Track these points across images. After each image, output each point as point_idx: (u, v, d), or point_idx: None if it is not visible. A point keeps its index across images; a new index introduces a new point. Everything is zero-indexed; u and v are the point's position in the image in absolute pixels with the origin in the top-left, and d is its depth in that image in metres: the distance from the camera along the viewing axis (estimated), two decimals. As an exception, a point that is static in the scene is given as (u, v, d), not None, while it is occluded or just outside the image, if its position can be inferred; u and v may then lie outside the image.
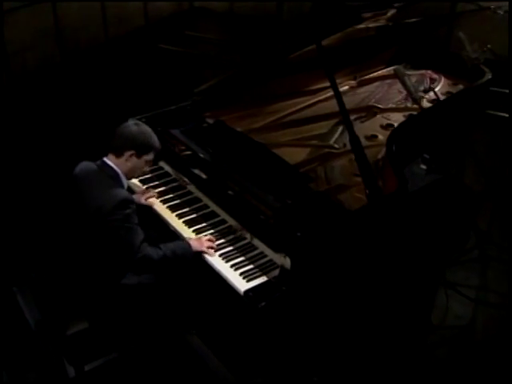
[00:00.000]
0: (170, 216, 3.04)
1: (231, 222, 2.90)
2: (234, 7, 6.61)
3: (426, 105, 3.58)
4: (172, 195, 3.18)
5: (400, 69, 3.45)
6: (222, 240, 2.85)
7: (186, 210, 3.07)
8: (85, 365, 2.67)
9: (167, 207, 3.10)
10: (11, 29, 5.48)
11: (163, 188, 3.25)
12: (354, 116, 3.53)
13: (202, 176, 3.04)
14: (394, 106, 3.66)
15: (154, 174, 3.34)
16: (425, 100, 3.62)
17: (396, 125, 3.35)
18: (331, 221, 2.63)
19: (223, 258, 2.75)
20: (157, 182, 3.29)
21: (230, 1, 6.57)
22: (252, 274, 2.63)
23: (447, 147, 3.83)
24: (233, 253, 2.77)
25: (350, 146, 2.76)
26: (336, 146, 3.21)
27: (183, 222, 2.99)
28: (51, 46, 6.06)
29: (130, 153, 2.75)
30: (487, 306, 3.70)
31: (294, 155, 3.10)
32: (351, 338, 2.94)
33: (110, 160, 2.79)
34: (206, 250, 2.77)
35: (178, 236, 2.94)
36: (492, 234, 4.14)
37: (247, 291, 2.54)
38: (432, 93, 3.56)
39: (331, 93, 2.83)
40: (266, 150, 2.97)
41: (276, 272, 2.60)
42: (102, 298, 2.74)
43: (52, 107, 5.42)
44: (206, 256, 2.78)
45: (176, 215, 3.04)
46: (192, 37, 6.50)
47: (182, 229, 2.95)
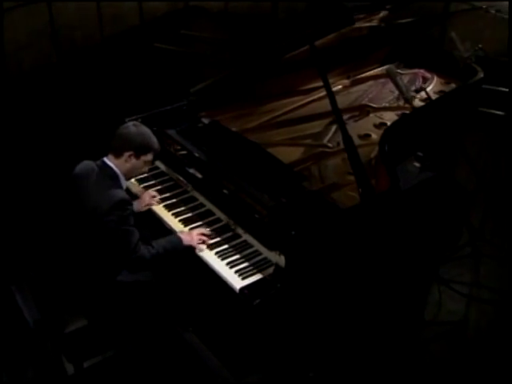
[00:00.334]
0: (166, 215, 3.08)
1: (227, 221, 2.94)
2: (229, 7, 6.62)
3: (418, 104, 3.61)
4: (168, 194, 3.21)
5: (392, 69, 3.47)
6: (218, 238, 2.88)
7: (182, 208, 3.10)
8: (84, 362, 2.70)
9: (163, 206, 3.13)
10: (7, 29, 5.50)
11: (159, 187, 3.28)
12: (348, 115, 3.56)
13: (198, 175, 3.07)
14: (388, 104, 3.69)
15: (150, 173, 3.35)
16: (417, 100, 3.65)
17: (389, 123, 3.39)
18: (325, 219, 2.67)
19: (219, 256, 2.78)
20: (153, 182, 3.32)
21: (225, 0, 6.59)
22: (247, 271, 2.66)
23: (440, 145, 3.87)
24: (228, 251, 2.80)
25: (343, 145, 2.80)
26: (329, 144, 3.25)
27: (179, 220, 3.02)
28: (47, 45, 6.07)
29: (129, 153, 2.77)
30: (480, 302, 3.72)
31: (289, 154, 3.14)
32: (346, 334, 2.98)
33: (109, 160, 2.80)
34: (195, 245, 2.81)
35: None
36: (484, 231, 4.17)
37: (242, 288, 2.57)
38: (423, 92, 3.60)
39: (325, 92, 2.85)
40: (260, 149, 3.00)
41: (271, 270, 2.63)
42: (100, 296, 2.77)
43: (48, 106, 5.44)
44: (201, 254, 2.81)
45: (172, 214, 3.07)
46: (187, 36, 6.52)
47: (178, 227, 2.98)
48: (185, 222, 3.00)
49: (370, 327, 3.13)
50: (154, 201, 3.17)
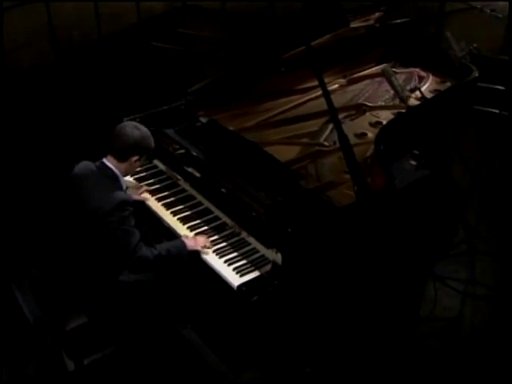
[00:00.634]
0: (164, 213, 3.10)
1: (224, 219, 2.97)
2: (226, 7, 6.65)
3: (414, 103, 3.64)
4: (167, 193, 3.23)
5: (387, 69, 3.50)
6: (216, 236, 2.91)
7: (181, 207, 3.13)
8: (84, 358, 2.73)
9: (162, 205, 3.16)
10: (5, 28, 5.51)
11: (158, 186, 3.30)
12: (344, 114, 3.59)
13: (196, 174, 3.09)
14: (384, 103, 3.72)
15: (149, 172, 3.39)
16: (412, 99, 3.68)
17: (385, 122, 3.42)
18: (321, 217, 2.70)
19: (217, 254, 2.81)
20: (151, 180, 3.34)
21: (223, 0, 6.61)
22: (245, 269, 2.70)
23: (436, 143, 3.90)
24: (226, 249, 2.83)
25: (339, 144, 2.83)
26: (326, 143, 3.27)
27: (178, 219, 3.05)
28: (45, 44, 6.09)
29: (135, 158, 2.81)
30: (475, 299, 3.76)
31: (285, 153, 3.16)
32: (342, 330, 3.02)
33: (109, 162, 2.81)
34: (200, 249, 2.82)
35: (173, 233, 3.00)
36: (480, 229, 4.21)
37: (240, 286, 2.60)
38: (418, 92, 3.63)
39: (321, 91, 2.88)
40: (257, 148, 3.03)
41: (268, 267, 2.67)
42: (100, 294, 2.79)
43: (46, 105, 5.46)
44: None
45: (171, 212, 3.09)
46: (184, 34, 6.54)
47: (177, 225, 3.01)
48: (183, 221, 3.03)
49: (366, 323, 3.17)
50: (146, 187, 3.25)
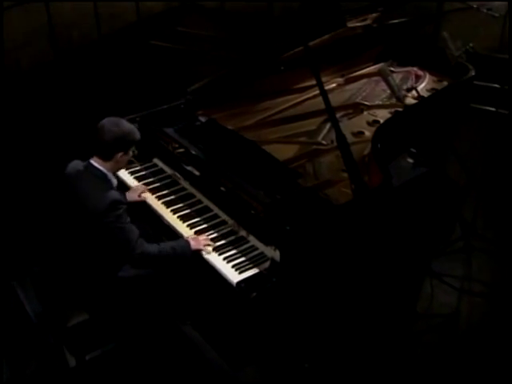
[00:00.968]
0: (164, 211, 3.14)
1: (224, 217, 3.00)
2: (225, 6, 6.67)
3: (410, 102, 3.67)
4: (167, 191, 3.27)
5: (384, 69, 3.54)
6: (215, 234, 2.95)
7: (180, 205, 3.16)
8: (86, 355, 2.77)
9: (162, 203, 3.19)
10: (5, 27, 5.54)
11: (158, 184, 3.33)
12: (342, 113, 3.63)
13: (195, 173, 3.12)
14: (381, 102, 3.76)
15: (149, 170, 3.42)
16: (409, 98, 3.71)
17: (382, 121, 3.46)
18: (319, 215, 2.73)
19: (216, 251, 2.85)
20: (152, 179, 3.37)
21: (221, 0, 6.63)
22: (244, 266, 2.73)
23: (433, 142, 3.94)
24: (225, 246, 2.87)
25: (337, 143, 2.87)
26: (324, 142, 3.31)
27: (177, 217, 3.08)
28: (44, 44, 6.12)
29: (120, 154, 2.78)
30: (471, 295, 3.78)
31: (284, 152, 3.20)
32: (340, 326, 3.05)
33: (96, 162, 2.79)
34: (203, 249, 2.85)
35: (173, 230, 3.03)
36: (476, 226, 4.24)
37: (239, 282, 2.64)
38: (414, 91, 3.66)
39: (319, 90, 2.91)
40: (256, 147, 3.07)
41: (267, 264, 2.70)
42: (101, 291, 2.82)
43: (46, 104, 5.48)
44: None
45: (171, 210, 3.13)
46: (183, 33, 6.57)
47: (177, 223, 3.05)
48: (183, 219, 3.06)
49: (363, 319, 3.21)
50: (145, 188, 3.25)
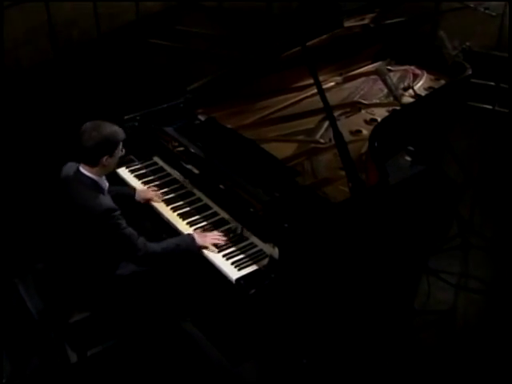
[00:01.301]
0: (164, 209, 3.16)
1: (223, 215, 3.04)
2: (224, 6, 6.69)
3: (408, 101, 3.69)
4: (166, 189, 3.29)
5: (382, 68, 3.57)
6: (215, 232, 2.97)
7: (180, 203, 3.19)
8: (87, 351, 2.80)
9: (162, 200, 3.21)
10: (5, 26, 5.56)
11: (157, 182, 3.35)
12: (340, 111, 3.65)
13: (195, 171, 3.15)
14: (378, 101, 3.78)
15: (149, 169, 3.45)
16: (406, 97, 3.74)
17: (379, 119, 3.49)
18: (317, 213, 2.77)
19: (216, 249, 2.87)
20: (152, 177, 3.39)
21: (220, 0, 6.66)
22: (243, 263, 2.76)
23: (430, 140, 3.97)
24: (225, 243, 2.89)
25: (334, 141, 2.90)
26: (322, 140, 3.34)
27: (177, 214, 3.11)
28: (44, 42, 6.14)
29: (105, 158, 2.72)
30: (468, 292, 3.81)
31: (282, 150, 3.23)
32: (338, 322, 3.09)
33: (84, 169, 2.75)
34: (209, 246, 2.85)
35: (173, 228, 3.06)
36: (473, 223, 4.27)
37: (238, 279, 2.67)
38: (411, 90, 3.68)
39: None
40: (255, 145, 3.10)
41: (265, 261, 2.74)
42: (102, 289, 2.84)
43: (46, 103, 5.50)
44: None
45: (171, 208, 3.15)
46: (183, 31, 6.59)
47: (177, 221, 3.07)
48: (183, 216, 3.09)
49: (361, 316, 3.24)
50: (157, 196, 3.21)
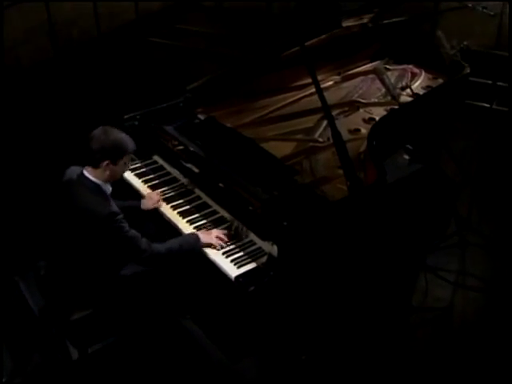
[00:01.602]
0: (165, 207, 3.19)
1: (222, 213, 3.06)
2: (224, 6, 6.71)
3: (406, 100, 3.70)
4: (166, 188, 3.32)
5: (380, 67, 3.59)
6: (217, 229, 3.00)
7: (180, 201, 3.21)
8: (88, 347, 2.83)
9: (162, 199, 3.24)
10: (5, 25, 5.58)
11: (157, 181, 3.38)
12: (338, 110, 3.67)
13: (194, 170, 3.18)
14: (377, 100, 3.80)
15: (149, 167, 3.47)
16: (404, 96, 3.75)
17: (377, 118, 3.51)
18: (315, 211, 2.79)
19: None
20: (152, 176, 3.42)
21: (220, 0, 6.68)
22: (242, 260, 2.79)
23: (428, 139, 3.99)
24: (224, 241, 2.91)
25: (332, 140, 2.92)
26: (320, 139, 3.36)
27: (177, 213, 3.14)
28: (44, 41, 6.16)
29: (106, 162, 2.73)
30: (465, 289, 3.84)
31: (281, 149, 3.25)
32: (336, 320, 3.12)
33: (88, 172, 2.78)
34: (214, 243, 2.86)
35: (173, 226, 3.09)
36: (471, 221, 4.30)
37: (238, 277, 2.70)
38: (409, 90, 3.70)
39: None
40: (254, 144, 3.12)
41: (264, 259, 2.77)
42: (102, 287, 2.87)
43: (46, 101, 5.52)
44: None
45: (170, 207, 3.18)
46: (182, 30, 6.61)
47: (177, 219, 3.10)
48: (182, 215, 3.12)
49: (359, 313, 3.27)
50: (159, 198, 3.21)
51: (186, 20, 6.88)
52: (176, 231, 3.07)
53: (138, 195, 3.32)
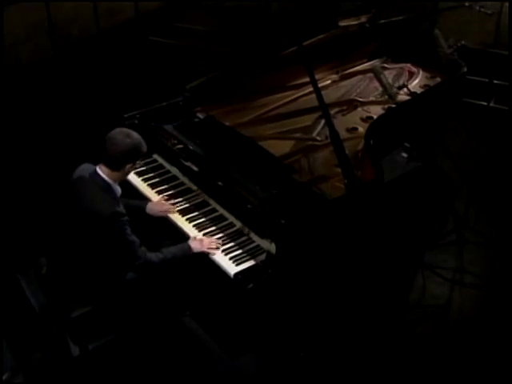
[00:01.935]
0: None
1: (221, 211, 3.09)
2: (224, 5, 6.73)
3: (403, 99, 3.73)
4: (166, 186, 3.35)
5: (376, 67, 3.61)
6: (213, 227, 3.04)
7: (179, 199, 3.24)
8: (89, 344, 2.86)
9: (162, 198, 3.27)
10: (5, 23, 5.60)
11: (157, 179, 3.41)
12: (336, 109, 3.70)
13: (194, 168, 3.20)
14: (374, 99, 3.83)
15: (149, 166, 3.49)
16: (400, 96, 3.78)
17: (375, 117, 3.54)
18: (313, 209, 2.82)
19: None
20: (151, 174, 3.45)
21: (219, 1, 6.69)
22: (241, 258, 2.83)
23: (426, 137, 4.01)
24: (223, 239, 2.96)
25: (330, 138, 2.95)
26: (318, 138, 3.39)
27: (177, 211, 3.16)
28: (44, 39, 6.18)
29: (130, 165, 2.80)
30: (463, 287, 3.86)
31: (280, 148, 3.28)
32: (334, 317, 3.15)
33: (102, 171, 2.79)
34: (206, 251, 2.89)
35: (173, 225, 3.12)
36: (468, 219, 4.32)
37: (237, 274, 2.74)
38: (406, 89, 3.72)
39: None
40: (253, 143, 3.15)
41: (263, 256, 2.80)
42: (103, 285, 2.90)
43: (45, 99, 5.54)
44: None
45: (170, 204, 3.19)
46: (181, 28, 6.62)
47: (176, 217, 3.14)
48: (182, 213, 3.15)
49: (357, 310, 3.30)
50: (171, 208, 3.18)
51: (185, 18, 6.89)
52: (175, 229, 3.10)
53: (137, 193, 3.35)
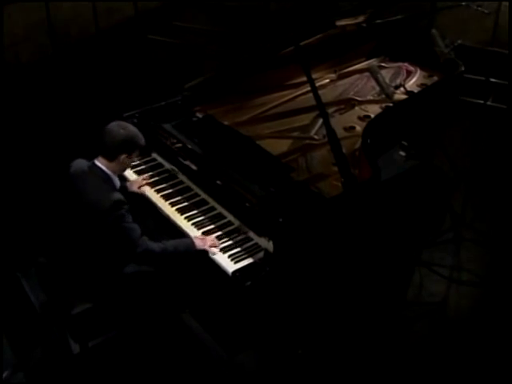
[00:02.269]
0: (163, 204, 3.24)
1: (220, 210, 3.11)
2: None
3: (400, 98, 3.74)
4: (165, 185, 3.37)
5: (374, 67, 3.62)
6: (212, 226, 3.06)
7: (178, 198, 3.26)
8: (89, 342, 2.88)
9: (161, 196, 3.30)
10: (5, 22, 5.61)
11: (156, 178, 3.43)
12: (334, 108, 3.72)
13: (193, 167, 3.23)
14: (372, 98, 3.85)
15: (148, 165, 3.53)
16: (397, 95, 3.79)
17: (373, 116, 3.56)
18: (311, 207, 2.84)
19: (213, 243, 2.95)
20: (151, 173, 3.47)
21: (220, 1, 6.71)
22: (239, 256, 2.85)
23: (424, 135, 4.03)
24: (221, 237, 2.98)
25: (327, 137, 2.97)
26: (316, 137, 3.41)
27: (176, 209, 3.19)
28: (43, 38, 6.19)
29: (124, 156, 2.86)
30: (460, 284, 3.89)
31: (278, 147, 3.30)
32: (332, 314, 3.17)
33: (101, 163, 2.87)
34: (208, 249, 2.91)
35: (172, 223, 3.14)
36: (466, 217, 4.35)
37: (235, 272, 2.76)
38: (403, 88, 3.74)
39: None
40: (251, 142, 3.17)
41: (261, 254, 2.82)
42: (103, 282, 2.92)
43: (45, 98, 5.56)
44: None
45: (169, 203, 3.23)
46: (180, 27, 6.64)
47: (175, 216, 3.15)
48: (181, 211, 3.17)
49: (355, 308, 3.32)
50: (145, 183, 3.35)
51: (184, 17, 6.90)
52: (175, 227, 3.12)
53: (137, 194, 3.37)
